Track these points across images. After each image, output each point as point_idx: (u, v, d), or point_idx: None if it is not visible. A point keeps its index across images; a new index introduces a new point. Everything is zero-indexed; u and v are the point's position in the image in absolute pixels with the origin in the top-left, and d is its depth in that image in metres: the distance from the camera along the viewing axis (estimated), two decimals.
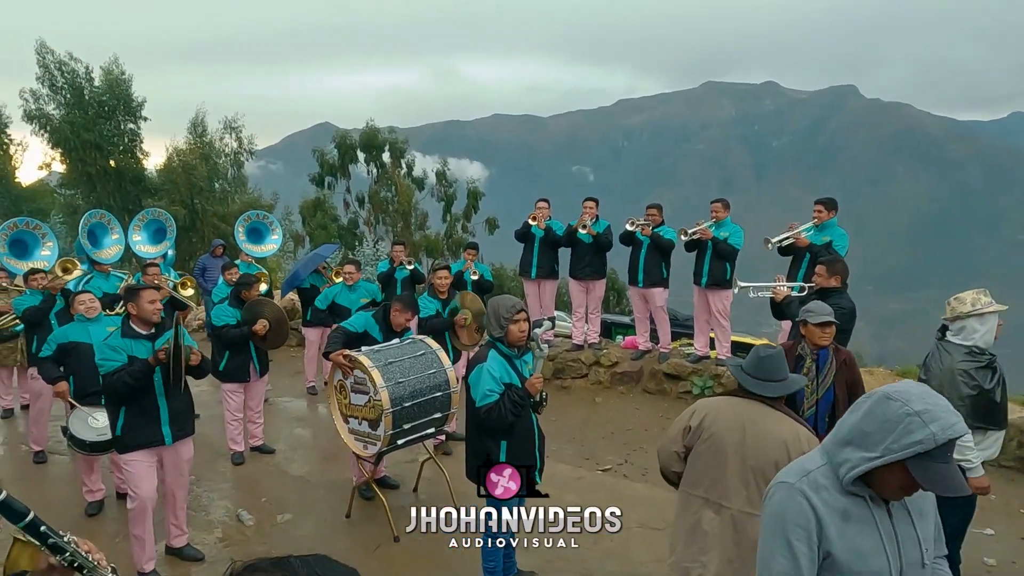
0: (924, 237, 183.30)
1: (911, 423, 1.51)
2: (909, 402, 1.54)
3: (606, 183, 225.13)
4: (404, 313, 4.85)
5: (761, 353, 2.79)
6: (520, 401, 3.33)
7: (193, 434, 4.12)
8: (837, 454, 1.65)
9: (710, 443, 2.76)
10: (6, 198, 24.95)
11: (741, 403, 2.77)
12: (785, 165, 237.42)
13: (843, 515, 1.64)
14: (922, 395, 1.56)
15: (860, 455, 1.59)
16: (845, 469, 1.62)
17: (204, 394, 7.71)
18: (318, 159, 25.24)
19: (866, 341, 67.69)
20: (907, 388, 1.60)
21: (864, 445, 1.58)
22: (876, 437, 1.56)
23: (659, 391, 7.61)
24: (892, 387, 1.61)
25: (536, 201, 7.80)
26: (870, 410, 1.60)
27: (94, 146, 21.34)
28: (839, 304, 4.64)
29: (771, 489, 1.76)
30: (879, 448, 1.55)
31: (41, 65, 21.07)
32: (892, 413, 1.55)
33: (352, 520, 4.72)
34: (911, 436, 1.51)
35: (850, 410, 1.68)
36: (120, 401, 3.77)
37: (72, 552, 1.49)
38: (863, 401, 1.65)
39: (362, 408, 4.39)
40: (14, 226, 6.78)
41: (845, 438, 1.64)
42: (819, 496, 1.64)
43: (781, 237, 6.13)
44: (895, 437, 1.53)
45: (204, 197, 22.36)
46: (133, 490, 3.88)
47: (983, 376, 3.47)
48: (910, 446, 1.51)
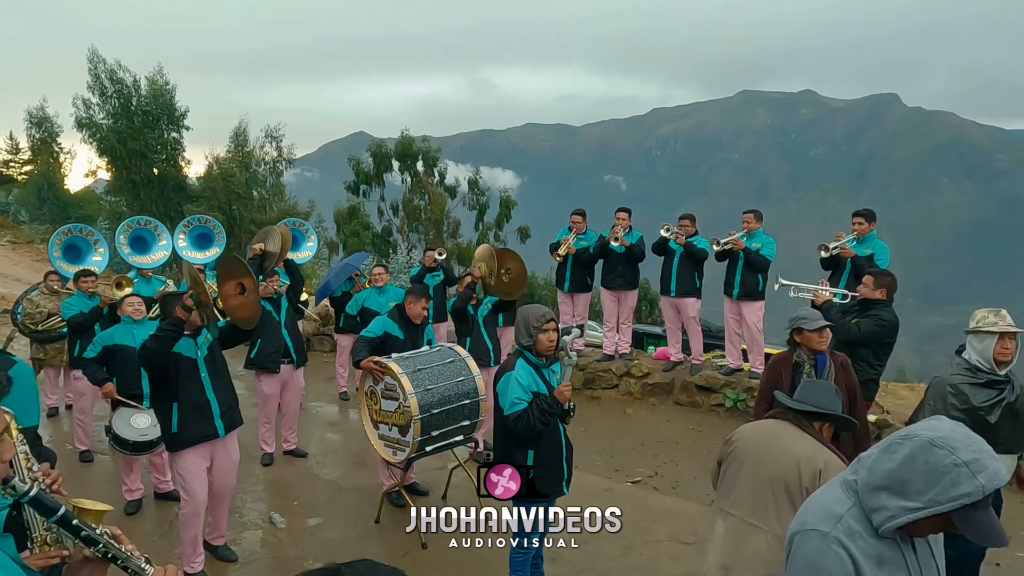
0: (968, 249, 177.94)
1: (959, 475, 1.41)
2: (956, 451, 1.43)
3: (639, 192, 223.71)
4: (418, 302, 4.88)
5: (817, 384, 2.85)
6: (549, 410, 3.32)
7: (242, 425, 4.20)
8: (871, 499, 1.56)
9: (733, 455, 2.78)
10: (55, 205, 25.90)
11: (775, 422, 2.76)
12: (822, 175, 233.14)
13: (878, 561, 1.56)
14: (967, 441, 1.46)
15: (899, 505, 1.49)
16: (882, 517, 1.52)
17: (241, 397, 7.85)
18: (353, 168, 25.63)
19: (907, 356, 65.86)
20: (950, 433, 1.48)
21: (904, 494, 1.48)
22: (918, 487, 1.46)
23: (691, 403, 7.52)
24: (934, 431, 1.50)
25: (571, 214, 7.78)
26: (911, 456, 1.48)
27: (139, 154, 22.04)
28: (881, 317, 4.55)
29: (799, 536, 1.65)
30: (922, 499, 1.45)
31: (92, 73, 21.86)
32: (937, 463, 1.44)
33: (381, 525, 4.75)
34: (959, 488, 1.41)
35: (881, 450, 1.58)
36: (161, 377, 3.80)
37: (105, 543, 1.52)
38: (899, 443, 1.53)
39: (392, 414, 4.43)
40: (68, 232, 7.03)
41: (880, 484, 1.54)
42: (856, 545, 1.55)
43: (835, 245, 6.05)
44: (941, 489, 1.43)
45: (242, 204, 22.88)
46: (186, 493, 3.93)
47: (976, 394, 3.43)
48: (957, 498, 1.41)
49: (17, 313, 6.76)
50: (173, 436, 3.88)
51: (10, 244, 21.35)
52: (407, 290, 5.17)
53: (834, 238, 6.13)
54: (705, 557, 2.93)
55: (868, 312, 4.60)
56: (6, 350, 5.14)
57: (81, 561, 1.57)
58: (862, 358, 4.63)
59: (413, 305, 4.87)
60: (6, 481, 1.46)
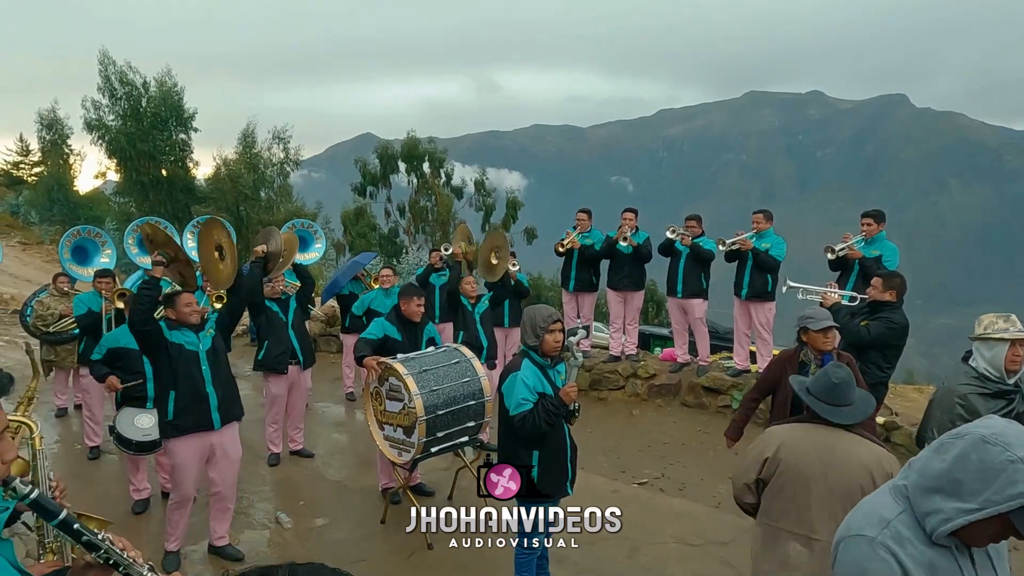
0: (977, 250, 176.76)
1: (1015, 472, 1.35)
2: (1010, 446, 1.37)
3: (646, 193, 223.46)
4: (412, 300, 4.87)
5: (833, 379, 2.68)
6: (554, 411, 3.33)
7: (240, 418, 4.24)
8: (923, 503, 1.47)
9: (791, 474, 2.64)
10: (65, 206, 26.10)
11: (815, 429, 2.64)
12: (830, 176, 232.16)
13: (930, 569, 1.47)
14: (1021, 437, 1.40)
15: (954, 507, 1.41)
16: (936, 521, 1.44)
17: (248, 398, 7.87)
18: (360, 169, 25.72)
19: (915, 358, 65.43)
20: (1003, 429, 1.42)
21: (958, 495, 1.41)
22: (973, 487, 1.39)
23: (697, 405, 7.49)
24: (986, 428, 1.44)
25: (576, 212, 7.79)
26: (964, 455, 1.41)
27: (148, 156, 22.20)
28: (891, 319, 4.52)
29: (844, 542, 1.58)
30: (978, 499, 1.38)
31: (103, 75, 22.00)
32: (992, 460, 1.37)
33: (387, 526, 4.75)
34: (1017, 487, 1.34)
35: (933, 450, 1.51)
36: (160, 365, 3.91)
37: (107, 549, 1.51)
38: (950, 442, 1.47)
39: (397, 415, 4.43)
40: (77, 233, 7.08)
41: (932, 485, 1.46)
42: (905, 551, 1.47)
43: (841, 247, 6.01)
44: (998, 487, 1.36)
45: (250, 205, 22.99)
46: (175, 485, 4.04)
47: (985, 404, 3.28)
48: (1016, 497, 1.34)
49: (27, 315, 6.81)
50: (169, 424, 3.95)
51: (20, 245, 21.52)
52: (399, 291, 5.16)
53: (841, 239, 6.10)
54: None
55: (878, 314, 4.57)
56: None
57: (83, 568, 1.57)
58: (871, 360, 4.60)
59: (407, 305, 4.86)
60: (6, 483, 1.45)
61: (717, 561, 4.34)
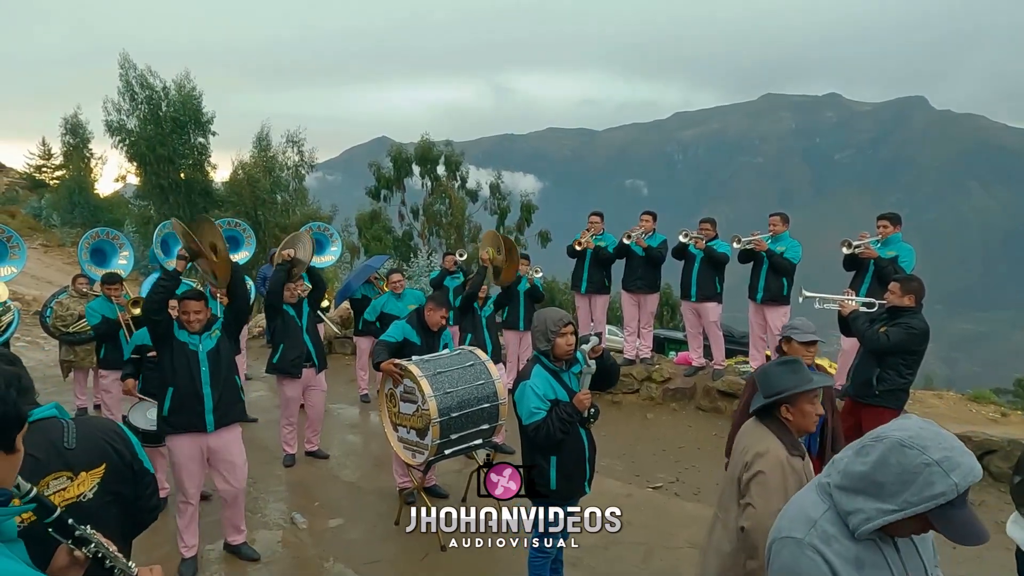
0: (998, 254, 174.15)
1: (932, 474, 1.42)
2: (926, 450, 1.44)
3: (660, 197, 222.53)
4: (438, 311, 4.90)
5: (784, 367, 2.71)
6: (568, 418, 3.28)
7: (238, 421, 4.23)
8: (846, 502, 1.55)
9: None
10: (86, 209, 26.51)
11: (749, 423, 2.80)
12: (848, 179, 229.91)
13: (857, 564, 1.55)
14: (937, 439, 1.46)
15: (875, 507, 1.49)
16: (859, 520, 1.52)
17: (264, 399, 7.98)
18: (374, 172, 25.85)
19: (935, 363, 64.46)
20: (919, 432, 1.49)
21: (879, 496, 1.49)
22: (892, 489, 1.47)
23: (713, 409, 7.44)
24: (903, 432, 1.50)
25: (589, 215, 7.78)
26: (883, 459, 1.49)
27: (167, 160, 22.46)
28: (910, 324, 4.45)
29: (776, 544, 1.65)
30: (897, 500, 1.46)
31: (123, 79, 22.31)
32: (909, 463, 1.45)
33: (401, 527, 4.76)
34: (932, 488, 1.42)
35: (855, 452, 1.58)
36: (163, 357, 3.99)
37: (96, 543, 1.59)
38: (871, 445, 1.53)
39: (411, 417, 4.45)
40: (96, 236, 7.18)
41: (854, 487, 1.54)
42: (831, 549, 1.55)
43: (858, 243, 5.95)
44: (915, 490, 1.44)
45: (266, 208, 23.18)
46: (178, 487, 4.09)
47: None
48: (932, 498, 1.42)
49: (46, 316, 6.91)
50: (164, 419, 4.03)
51: (42, 247, 21.85)
52: (428, 296, 5.20)
53: (859, 237, 6.04)
54: None
55: (897, 320, 4.50)
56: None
57: (65, 567, 1.62)
58: (891, 367, 4.53)
59: (433, 313, 4.89)
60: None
61: None
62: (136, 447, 2.10)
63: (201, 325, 4.03)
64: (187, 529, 4.13)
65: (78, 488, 1.86)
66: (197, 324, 4.01)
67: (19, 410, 1.42)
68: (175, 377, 3.95)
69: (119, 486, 1.98)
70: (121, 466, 1.99)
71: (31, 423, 1.77)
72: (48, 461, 1.82)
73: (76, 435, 1.89)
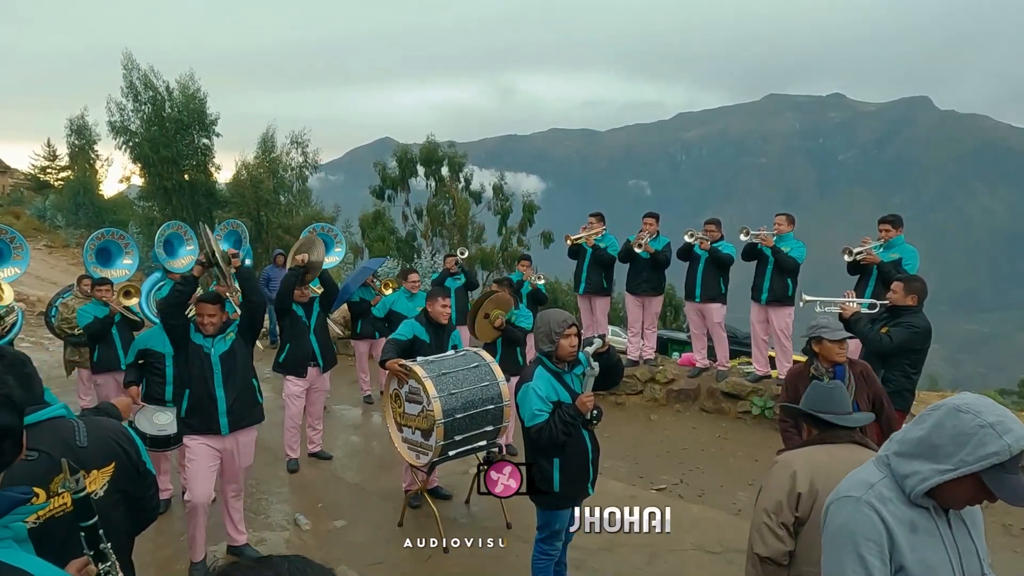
0: (1004, 255, 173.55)
1: (985, 435, 1.50)
2: (980, 414, 1.53)
3: (664, 197, 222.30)
4: (437, 301, 4.90)
5: (828, 386, 2.58)
6: (571, 420, 3.26)
7: (255, 423, 4.24)
8: (903, 467, 1.64)
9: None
10: (90, 210, 26.58)
11: (836, 449, 2.39)
12: (852, 180, 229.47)
13: (911, 527, 1.63)
14: (991, 406, 1.56)
15: (931, 467, 1.58)
16: (915, 481, 1.61)
17: (267, 400, 7.94)
18: (379, 173, 25.83)
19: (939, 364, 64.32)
20: (975, 400, 1.58)
21: (935, 458, 1.58)
22: (948, 450, 1.55)
23: (717, 410, 7.42)
24: (959, 399, 1.60)
25: (589, 216, 7.75)
26: (939, 423, 1.58)
27: (171, 161, 22.51)
28: (912, 323, 4.45)
29: (833, 504, 1.73)
30: (952, 460, 1.54)
31: (127, 79, 22.35)
32: (964, 426, 1.54)
33: (404, 529, 4.76)
34: (986, 448, 1.50)
35: (913, 423, 1.67)
36: (180, 360, 4.04)
37: (112, 562, 1.63)
38: (928, 414, 1.63)
39: (415, 418, 4.44)
40: (102, 236, 7.18)
41: (912, 451, 1.63)
42: (887, 508, 1.63)
43: (859, 250, 5.92)
44: (970, 449, 1.52)
45: (270, 209, 23.22)
46: (188, 487, 4.09)
47: None
48: (986, 458, 1.50)
49: (51, 317, 6.91)
50: (182, 421, 4.08)
51: (47, 248, 21.93)
52: (427, 293, 5.20)
53: (860, 243, 6.01)
54: None
55: (898, 320, 4.49)
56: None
57: None
58: (896, 367, 4.52)
59: (433, 305, 4.90)
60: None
61: (737, 569, 4.28)
62: (140, 448, 2.13)
63: (215, 328, 4.03)
64: (197, 533, 4.12)
65: (90, 486, 1.86)
66: (211, 327, 4.01)
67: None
68: (191, 380, 3.99)
69: (126, 485, 2.01)
70: (128, 465, 2.02)
71: (43, 422, 1.78)
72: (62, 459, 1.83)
73: (87, 434, 1.90)
